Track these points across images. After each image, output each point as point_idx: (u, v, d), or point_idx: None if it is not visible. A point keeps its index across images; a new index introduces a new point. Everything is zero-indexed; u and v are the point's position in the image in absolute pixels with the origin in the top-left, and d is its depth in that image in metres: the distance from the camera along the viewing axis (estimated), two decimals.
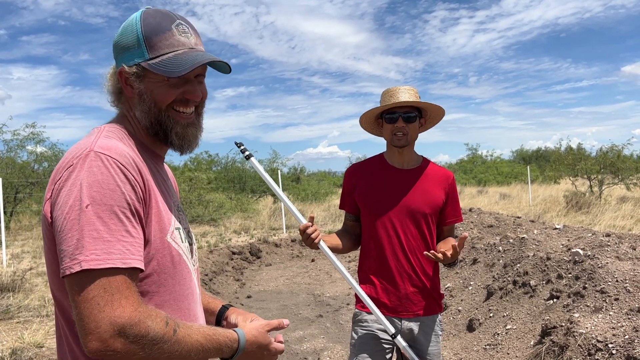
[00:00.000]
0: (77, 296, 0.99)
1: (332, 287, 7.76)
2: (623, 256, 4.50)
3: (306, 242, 2.20)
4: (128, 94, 1.25)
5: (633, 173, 17.11)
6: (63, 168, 1.08)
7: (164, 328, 1.03)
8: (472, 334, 4.85)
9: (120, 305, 0.99)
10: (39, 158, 16.76)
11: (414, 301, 2.35)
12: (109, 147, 1.10)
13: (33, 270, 8.39)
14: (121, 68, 1.22)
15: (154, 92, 1.23)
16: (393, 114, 2.32)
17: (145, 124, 1.26)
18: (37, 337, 4.99)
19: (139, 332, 0.99)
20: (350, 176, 2.50)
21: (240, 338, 1.22)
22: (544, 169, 26.95)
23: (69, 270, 0.99)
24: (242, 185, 20.74)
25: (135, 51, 1.21)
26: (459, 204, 2.52)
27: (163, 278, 1.17)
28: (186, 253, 1.26)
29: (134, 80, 1.22)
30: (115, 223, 1.02)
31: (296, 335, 5.56)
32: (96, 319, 0.97)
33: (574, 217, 13.08)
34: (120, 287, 1.00)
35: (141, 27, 1.21)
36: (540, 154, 40.51)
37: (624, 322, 3.43)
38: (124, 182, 1.07)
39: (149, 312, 1.03)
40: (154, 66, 1.20)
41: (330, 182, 27.63)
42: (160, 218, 1.17)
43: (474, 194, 21.80)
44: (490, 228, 8.26)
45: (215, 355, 1.17)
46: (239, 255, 9.92)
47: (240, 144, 2.12)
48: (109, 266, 0.99)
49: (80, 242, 0.99)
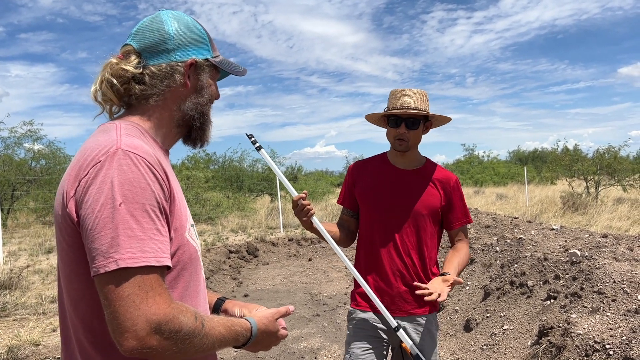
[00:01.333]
0: (111, 294, 0.98)
1: (329, 287, 7.77)
2: (620, 257, 4.51)
3: (299, 215, 2.18)
4: (187, 87, 1.28)
5: (629, 174, 17.18)
6: (89, 165, 1.06)
7: (194, 322, 1.05)
8: (469, 334, 4.86)
9: (155, 303, 1.00)
10: (36, 156, 16.72)
11: (407, 300, 2.35)
12: (136, 146, 1.09)
13: (30, 268, 8.37)
14: (192, 59, 1.27)
15: (212, 88, 1.34)
16: (396, 119, 2.30)
17: (192, 116, 1.30)
18: (33, 334, 4.98)
19: (173, 328, 1.00)
20: (353, 172, 2.51)
21: (253, 327, 1.26)
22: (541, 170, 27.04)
23: (104, 268, 0.98)
24: (239, 184, 20.74)
25: (201, 47, 1.30)
26: (466, 206, 2.49)
27: (182, 274, 1.18)
28: (199, 250, 1.28)
29: (200, 74, 1.30)
30: (147, 222, 1.02)
31: (293, 335, 5.56)
32: (132, 317, 0.97)
33: (571, 217, 13.11)
34: (154, 284, 1.01)
35: (200, 26, 1.32)
36: (537, 154, 40.60)
37: (621, 323, 3.44)
38: (153, 181, 1.06)
39: (181, 308, 1.04)
40: (223, 63, 1.35)
41: (327, 182, 27.65)
42: (180, 215, 1.17)
43: (471, 194, 21.84)
44: (488, 228, 8.28)
45: (232, 343, 1.20)
46: (236, 254, 9.91)
47: (250, 135, 2.13)
48: (145, 264, 1.00)
49: (115, 240, 0.98)
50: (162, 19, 1.27)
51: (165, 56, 1.25)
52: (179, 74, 1.25)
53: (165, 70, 1.24)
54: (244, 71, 1.42)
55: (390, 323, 2.19)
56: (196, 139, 1.36)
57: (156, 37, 1.25)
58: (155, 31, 1.25)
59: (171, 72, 1.25)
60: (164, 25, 1.26)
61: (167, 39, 1.25)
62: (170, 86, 1.26)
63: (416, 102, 2.29)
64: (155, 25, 1.26)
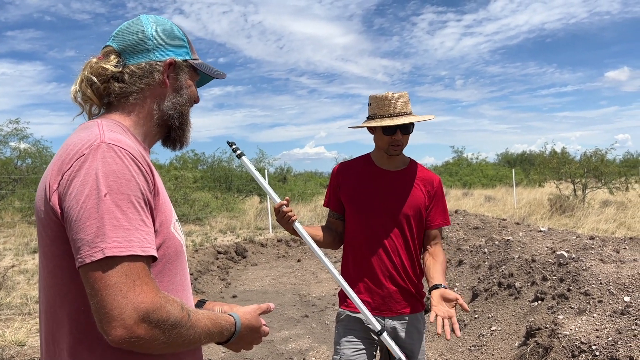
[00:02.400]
0: (97, 283, 0.98)
1: (318, 288, 7.76)
2: (607, 259, 4.55)
3: (281, 221, 2.19)
4: (165, 86, 1.30)
5: (616, 177, 17.35)
6: (72, 158, 1.06)
7: (181, 312, 1.05)
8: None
9: (143, 291, 0.99)
10: (22, 154, 16.54)
11: (397, 300, 2.36)
12: (119, 140, 1.10)
13: (15, 267, 8.27)
14: (171, 59, 1.30)
15: (190, 89, 1.36)
16: (391, 127, 2.30)
17: (170, 116, 1.32)
18: (19, 335, 4.92)
19: (161, 317, 1.00)
20: (337, 174, 2.50)
21: (237, 321, 1.27)
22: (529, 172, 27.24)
23: (90, 258, 0.98)
24: (228, 184, 20.66)
25: (182, 49, 1.34)
26: (447, 208, 2.51)
27: (167, 268, 1.18)
28: (184, 244, 1.28)
29: (179, 73, 1.32)
30: (132, 212, 1.03)
31: (281, 336, 5.54)
32: (120, 305, 0.97)
33: (558, 220, 13.22)
34: (141, 273, 1.01)
35: (180, 30, 1.36)
36: (525, 157, 40.85)
37: (607, 324, 3.47)
38: (137, 173, 1.07)
39: (167, 298, 1.04)
40: (202, 66, 1.38)
41: (316, 183, 27.61)
42: (165, 209, 1.18)
43: (460, 196, 21.95)
44: (476, 230, 8.32)
45: (217, 338, 1.20)
46: (225, 254, 9.87)
47: (232, 143, 2.13)
48: (131, 253, 1.00)
49: (101, 230, 0.99)
50: (141, 21, 1.31)
51: (145, 55, 1.28)
52: (157, 72, 1.28)
53: (144, 68, 1.27)
54: (223, 75, 1.46)
55: (374, 328, 2.19)
56: (175, 140, 1.37)
57: (136, 37, 1.28)
58: (135, 32, 1.29)
59: (150, 70, 1.27)
60: (143, 27, 1.30)
61: (146, 39, 1.28)
62: (150, 84, 1.28)
63: (406, 107, 2.30)
64: (135, 27, 1.30)
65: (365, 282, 2.37)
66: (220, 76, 1.45)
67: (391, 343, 2.23)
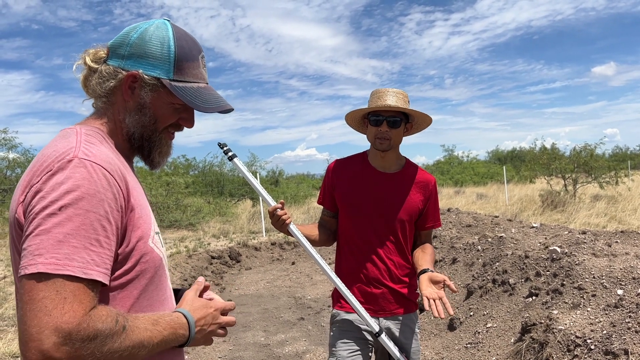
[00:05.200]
0: (25, 296, 0.92)
1: (313, 290, 7.75)
2: (599, 253, 4.58)
3: (276, 224, 2.17)
4: (126, 98, 1.22)
5: (605, 172, 17.46)
6: (42, 172, 1.03)
7: (113, 327, 0.97)
8: (453, 333, 4.89)
9: (71, 309, 0.92)
10: (11, 164, 16.45)
11: (390, 300, 2.36)
12: (94, 154, 1.07)
13: (7, 278, 8.19)
14: (136, 72, 1.19)
15: (158, 111, 1.24)
16: (378, 117, 2.29)
17: (132, 133, 1.24)
18: (12, 346, 4.87)
19: (86, 337, 0.92)
20: (332, 173, 2.49)
21: (185, 314, 1.16)
22: (520, 169, 27.35)
23: (24, 270, 0.93)
24: (220, 189, 20.60)
25: (160, 64, 1.21)
26: (439, 209, 2.52)
27: (144, 283, 1.14)
28: (165, 258, 1.24)
29: (143, 89, 1.21)
30: (87, 230, 0.97)
31: (277, 339, 5.53)
32: (40, 324, 0.89)
33: (550, 215, 13.29)
34: (77, 291, 0.94)
35: (175, 45, 1.22)
36: (515, 154, 41.09)
37: (602, 318, 3.49)
38: (106, 189, 1.03)
39: (100, 313, 0.97)
40: (177, 89, 1.21)
41: (309, 185, 27.61)
42: (141, 223, 1.14)
43: (452, 195, 22.02)
44: (469, 227, 8.34)
45: (172, 338, 1.11)
46: (219, 259, 9.83)
47: (223, 144, 2.10)
48: (67, 273, 0.93)
49: (44, 244, 0.94)
50: (145, 25, 1.24)
51: (117, 60, 1.22)
52: (114, 80, 1.20)
53: (109, 72, 1.21)
54: (211, 108, 1.25)
55: (372, 329, 2.19)
56: (153, 162, 1.30)
57: (120, 39, 1.23)
58: (125, 34, 1.23)
59: (113, 76, 1.20)
60: (135, 31, 1.22)
61: (125, 44, 1.21)
62: (112, 91, 1.22)
63: (398, 101, 2.29)
64: (132, 29, 1.24)
65: (358, 283, 2.37)
66: (203, 109, 1.24)
67: (389, 344, 2.23)
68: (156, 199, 15.63)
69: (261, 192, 2.15)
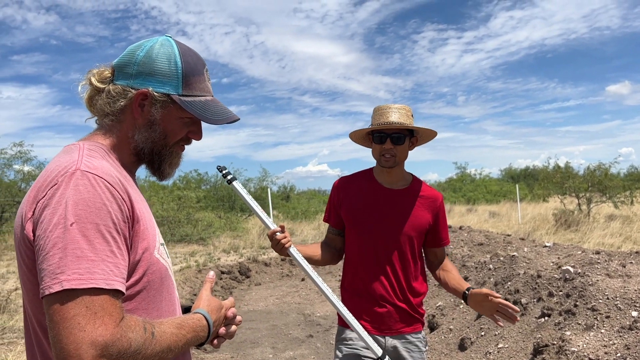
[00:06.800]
0: (55, 316, 0.94)
1: (323, 307, 7.70)
2: (613, 273, 4.50)
3: (275, 248, 2.14)
4: (135, 116, 1.24)
5: (620, 191, 17.27)
6: (47, 186, 1.04)
7: (143, 335, 1.00)
8: (464, 353, 4.82)
9: (103, 323, 0.94)
10: (26, 177, 16.64)
11: (396, 319, 2.34)
12: (96, 167, 1.08)
13: (18, 290, 8.25)
14: (145, 90, 1.21)
15: (168, 126, 1.26)
16: (381, 134, 2.28)
17: (142, 149, 1.26)
18: (21, 359, 4.88)
19: (122, 348, 0.95)
20: (338, 191, 2.47)
21: (203, 314, 1.20)
22: (533, 188, 27.14)
23: (49, 290, 0.94)
24: (231, 204, 20.66)
25: (169, 81, 1.23)
26: (447, 226, 2.50)
27: (152, 295, 1.15)
28: (171, 269, 1.25)
29: (153, 106, 1.23)
30: (100, 242, 0.99)
31: (286, 356, 5.48)
32: (76, 340, 0.92)
33: (563, 235, 13.13)
34: (105, 304, 0.96)
35: (181, 61, 1.24)
36: (528, 172, 40.75)
37: (616, 340, 3.42)
38: (111, 201, 1.04)
39: (129, 323, 1.00)
40: (187, 104, 1.24)
41: (320, 201, 27.58)
42: (146, 235, 1.15)
43: (464, 212, 21.87)
44: (481, 246, 8.27)
45: (194, 340, 1.15)
46: (228, 274, 9.82)
47: (222, 168, 2.06)
48: (92, 286, 0.95)
49: (63, 261, 0.95)
50: (150, 44, 1.25)
51: (125, 79, 1.23)
52: (124, 99, 1.22)
53: (118, 92, 1.22)
54: (221, 120, 1.29)
55: (375, 352, 2.14)
56: (153, 172, 1.33)
57: (126, 58, 1.25)
58: (131, 52, 1.25)
59: (123, 95, 1.22)
60: (141, 49, 1.24)
61: (132, 63, 1.23)
62: (124, 110, 1.23)
63: (400, 117, 2.27)
64: (137, 47, 1.25)
65: (364, 301, 2.34)
66: (213, 121, 1.27)
67: None
68: (167, 213, 15.71)
69: (260, 216, 2.09)
